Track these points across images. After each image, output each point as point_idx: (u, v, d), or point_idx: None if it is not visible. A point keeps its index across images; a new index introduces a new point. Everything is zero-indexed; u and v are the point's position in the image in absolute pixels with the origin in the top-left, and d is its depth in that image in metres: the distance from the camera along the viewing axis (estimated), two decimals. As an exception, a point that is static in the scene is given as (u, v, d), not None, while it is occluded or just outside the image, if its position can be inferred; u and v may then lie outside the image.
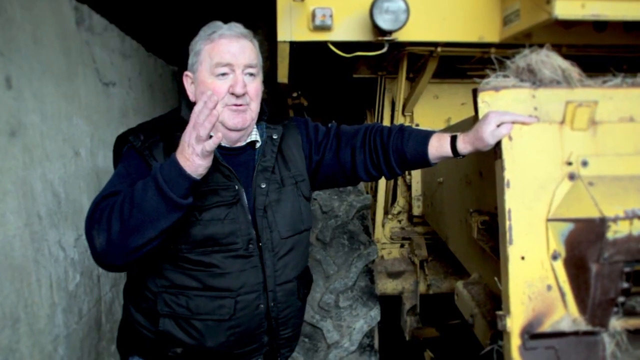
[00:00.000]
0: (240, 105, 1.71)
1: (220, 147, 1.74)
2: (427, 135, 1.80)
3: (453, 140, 1.74)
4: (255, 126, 1.84)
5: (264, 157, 1.81)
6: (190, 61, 1.76)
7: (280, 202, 1.80)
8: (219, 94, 1.67)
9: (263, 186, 1.76)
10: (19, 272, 2.30)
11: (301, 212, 1.86)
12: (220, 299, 1.70)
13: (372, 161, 1.87)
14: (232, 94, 1.68)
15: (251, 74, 1.73)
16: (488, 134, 1.59)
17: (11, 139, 2.30)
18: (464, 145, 1.71)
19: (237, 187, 1.71)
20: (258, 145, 1.83)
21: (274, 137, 1.85)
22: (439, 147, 1.77)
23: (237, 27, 1.75)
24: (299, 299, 1.92)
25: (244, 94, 1.69)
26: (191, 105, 1.77)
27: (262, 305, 1.77)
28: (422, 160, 1.81)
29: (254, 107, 1.75)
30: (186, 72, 1.77)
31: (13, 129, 2.32)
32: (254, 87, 1.74)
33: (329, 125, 2.00)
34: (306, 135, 1.94)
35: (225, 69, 1.68)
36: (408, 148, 1.80)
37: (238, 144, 1.80)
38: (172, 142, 1.66)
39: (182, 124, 1.69)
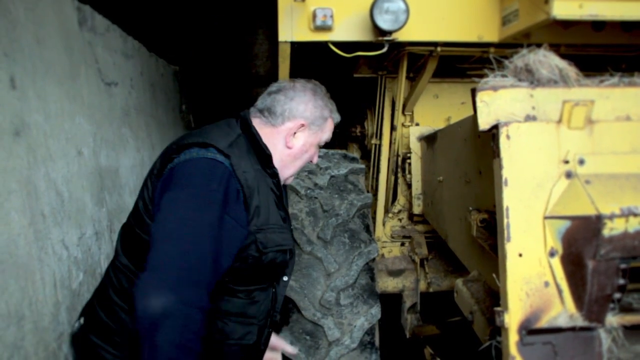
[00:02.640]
0: None
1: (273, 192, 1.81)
2: None
3: None
4: None
5: (275, 196, 1.86)
6: (312, 117, 1.84)
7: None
8: (310, 159, 1.93)
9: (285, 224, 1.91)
10: (23, 270, 2.32)
11: None
12: (249, 325, 1.77)
13: None
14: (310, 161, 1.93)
15: None
16: None
17: (15, 139, 2.32)
18: None
19: (289, 229, 1.86)
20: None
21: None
22: None
23: None
24: None
25: None
26: (245, 124, 1.82)
27: (266, 330, 1.89)
28: None
29: None
30: (303, 122, 1.83)
31: (17, 129, 2.34)
32: None
33: None
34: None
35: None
36: None
37: None
38: (258, 175, 1.71)
39: (264, 159, 1.77)
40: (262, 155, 1.75)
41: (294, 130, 1.82)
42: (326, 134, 1.91)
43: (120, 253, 1.76)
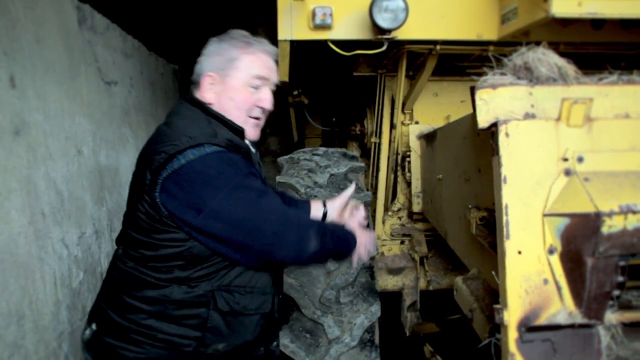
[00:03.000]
0: (259, 118, 1.87)
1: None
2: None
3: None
4: None
5: (259, 167, 1.95)
6: (217, 64, 1.82)
7: None
8: (249, 103, 1.82)
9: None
10: (23, 270, 2.33)
11: None
12: (264, 295, 1.84)
13: None
14: (260, 107, 1.84)
15: (272, 91, 1.88)
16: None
17: (15, 138, 2.33)
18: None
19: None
20: (253, 154, 1.95)
21: (255, 150, 2.00)
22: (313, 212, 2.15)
23: (270, 45, 1.89)
24: None
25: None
26: (202, 105, 1.82)
27: (276, 297, 1.94)
28: None
29: (264, 120, 1.92)
30: (210, 73, 1.82)
31: (17, 128, 2.34)
32: (272, 103, 1.89)
33: None
34: None
35: (260, 82, 1.82)
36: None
37: None
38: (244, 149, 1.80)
39: (233, 131, 1.80)
40: (236, 131, 1.80)
41: (207, 84, 1.83)
42: (244, 71, 1.80)
43: (125, 260, 1.77)
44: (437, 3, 2.88)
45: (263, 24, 7.03)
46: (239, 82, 1.80)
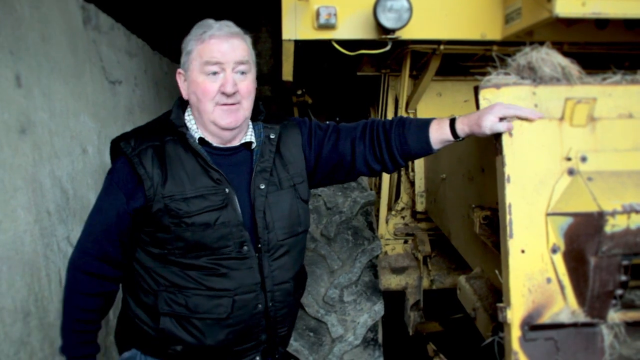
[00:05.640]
0: (232, 104, 1.73)
1: (212, 147, 1.77)
2: (427, 121, 1.85)
3: (452, 122, 1.78)
4: (251, 125, 1.88)
5: (262, 158, 1.81)
6: (182, 60, 1.79)
7: (279, 204, 1.81)
8: (210, 92, 1.71)
9: (262, 187, 1.77)
10: (29, 267, 2.34)
11: (299, 215, 1.87)
12: (218, 298, 1.72)
13: (373, 153, 1.88)
14: (223, 93, 1.71)
15: (242, 72, 1.75)
16: (487, 122, 1.63)
17: (21, 136, 2.34)
18: (462, 126, 1.75)
19: (227, 190, 1.72)
20: (254, 145, 1.84)
21: (272, 136, 1.85)
22: (439, 129, 1.80)
23: (227, 27, 1.76)
24: (295, 299, 1.97)
25: (234, 93, 1.71)
26: (184, 102, 1.84)
27: (260, 305, 1.79)
28: (424, 145, 1.84)
29: (246, 105, 1.77)
30: (179, 70, 1.81)
31: (23, 126, 2.36)
32: (245, 85, 1.75)
33: (328, 122, 2.01)
34: (307, 134, 1.94)
35: (215, 68, 1.71)
36: (410, 135, 1.83)
37: (232, 143, 1.82)
38: (162, 147, 1.71)
39: (171, 127, 1.75)
40: (169, 124, 1.77)
41: (180, 82, 1.83)
42: (196, 61, 1.73)
43: None
44: (441, 3, 2.88)
45: (266, 23, 7.05)
46: (194, 73, 1.74)
